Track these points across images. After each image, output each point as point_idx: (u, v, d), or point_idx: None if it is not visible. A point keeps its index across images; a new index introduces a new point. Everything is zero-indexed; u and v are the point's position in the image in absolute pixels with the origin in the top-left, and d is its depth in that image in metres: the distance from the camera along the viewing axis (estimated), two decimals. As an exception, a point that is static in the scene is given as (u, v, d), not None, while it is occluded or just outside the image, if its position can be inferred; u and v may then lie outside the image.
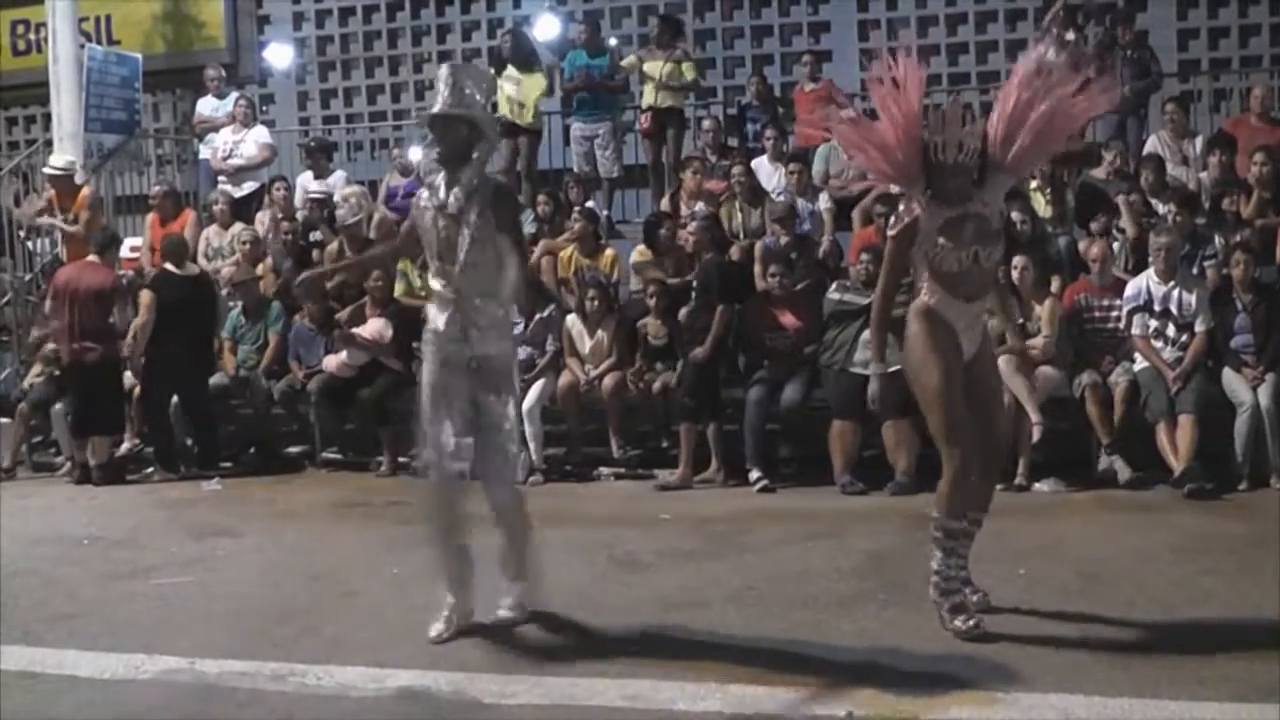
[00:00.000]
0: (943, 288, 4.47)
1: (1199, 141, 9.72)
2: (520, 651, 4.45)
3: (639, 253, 9.18)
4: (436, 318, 4.74)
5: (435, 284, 4.75)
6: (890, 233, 4.60)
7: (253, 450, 9.58)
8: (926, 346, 4.45)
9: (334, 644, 4.64)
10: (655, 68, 10.49)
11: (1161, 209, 8.66)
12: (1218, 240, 8.41)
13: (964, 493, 4.49)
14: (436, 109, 4.67)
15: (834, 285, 8.14)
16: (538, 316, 8.58)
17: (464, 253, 4.59)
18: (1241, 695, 3.76)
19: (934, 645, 4.31)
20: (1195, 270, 8.12)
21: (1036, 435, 7.32)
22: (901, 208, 4.58)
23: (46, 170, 10.64)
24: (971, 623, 4.41)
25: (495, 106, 9.62)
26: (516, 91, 10.65)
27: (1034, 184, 9.05)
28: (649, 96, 10.59)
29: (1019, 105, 4.46)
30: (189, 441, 9.32)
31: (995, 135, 4.50)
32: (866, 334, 7.79)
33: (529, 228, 9.11)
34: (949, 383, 4.42)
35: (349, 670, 4.32)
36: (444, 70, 4.75)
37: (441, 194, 4.65)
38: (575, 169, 10.70)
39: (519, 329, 4.71)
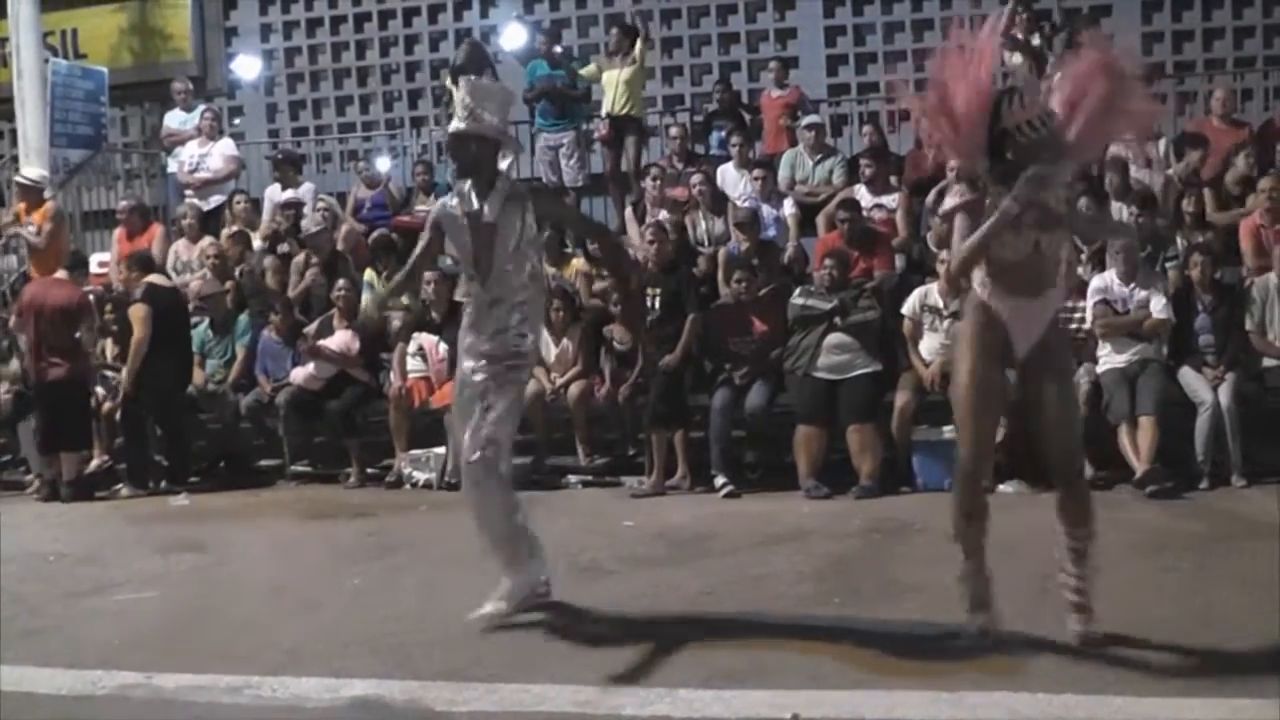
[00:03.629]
0: (997, 282, 4.25)
1: (1162, 144, 9.78)
2: (475, 659, 4.44)
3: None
4: (467, 318, 4.96)
5: (466, 288, 5.01)
6: (950, 205, 4.38)
7: (223, 464, 9.58)
8: (965, 342, 4.35)
9: (292, 655, 4.63)
10: (613, 76, 10.53)
11: (1126, 212, 8.72)
12: (1179, 241, 8.50)
13: (972, 493, 4.41)
14: (450, 128, 4.96)
15: (797, 291, 8.17)
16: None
17: (498, 258, 4.80)
18: (1190, 691, 3.79)
19: (884, 647, 4.34)
20: (1157, 270, 8.20)
21: (999, 437, 7.34)
22: (958, 188, 4.44)
23: (16, 179, 10.62)
24: (980, 624, 4.33)
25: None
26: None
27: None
28: (608, 104, 10.63)
29: (1081, 84, 4.24)
30: (157, 457, 9.31)
31: (1059, 117, 4.24)
32: (830, 338, 7.89)
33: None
34: (974, 387, 4.28)
35: (305, 681, 4.31)
36: (460, 88, 5.00)
37: (474, 202, 4.83)
38: (541, 178, 10.72)
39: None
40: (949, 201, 4.44)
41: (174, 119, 11.73)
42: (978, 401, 4.29)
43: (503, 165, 4.95)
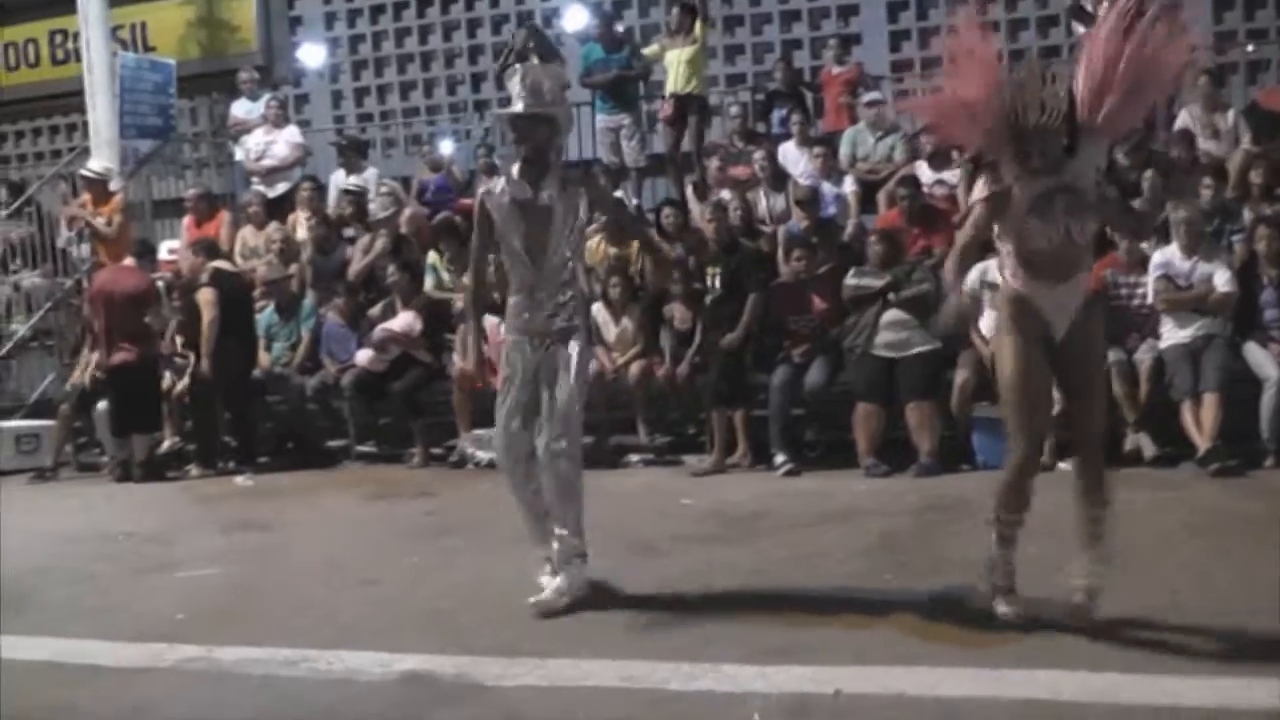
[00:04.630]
0: (1028, 270, 4.20)
1: (1231, 114, 9.54)
2: (525, 634, 4.51)
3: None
4: (516, 297, 4.95)
5: (516, 271, 4.94)
6: (978, 195, 4.30)
7: (290, 445, 9.77)
8: (1007, 334, 4.25)
9: (347, 630, 4.73)
10: (676, 55, 10.52)
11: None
12: (1246, 214, 8.30)
13: (1024, 488, 4.32)
14: (519, 109, 4.86)
15: (851, 271, 8.13)
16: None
17: (553, 241, 4.83)
18: (1237, 672, 3.72)
19: (930, 623, 4.34)
20: (1224, 244, 8.03)
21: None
22: (986, 177, 4.31)
23: (82, 172, 10.86)
24: (1015, 610, 4.26)
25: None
26: None
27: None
28: (671, 83, 10.62)
29: (1106, 61, 4.13)
30: (226, 438, 9.51)
31: (1083, 97, 4.15)
32: (887, 316, 7.84)
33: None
34: (1025, 376, 4.20)
35: (359, 655, 4.41)
36: (519, 70, 4.93)
37: (527, 189, 4.85)
38: (603, 159, 10.74)
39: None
40: (977, 191, 4.39)
41: (240, 108, 11.93)
42: (1028, 401, 4.24)
43: (555, 148, 4.99)
